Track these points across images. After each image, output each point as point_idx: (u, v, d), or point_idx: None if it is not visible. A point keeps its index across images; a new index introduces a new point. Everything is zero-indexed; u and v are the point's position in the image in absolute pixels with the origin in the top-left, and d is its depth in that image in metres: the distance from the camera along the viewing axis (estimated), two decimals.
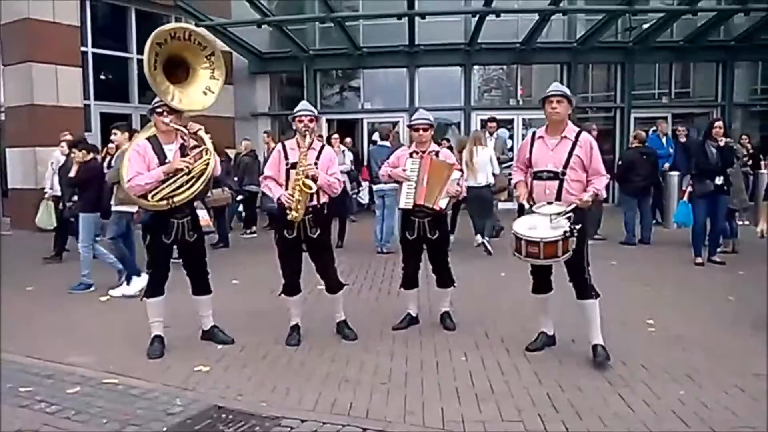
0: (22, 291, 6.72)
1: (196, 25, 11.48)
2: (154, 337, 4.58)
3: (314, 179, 4.53)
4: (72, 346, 4.79)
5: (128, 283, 6.36)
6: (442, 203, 4.83)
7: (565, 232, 3.98)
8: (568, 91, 4.29)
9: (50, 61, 11.60)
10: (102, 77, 13.29)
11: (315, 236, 4.67)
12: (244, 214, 11.09)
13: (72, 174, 6.60)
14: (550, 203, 4.21)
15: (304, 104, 4.87)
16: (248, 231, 10.73)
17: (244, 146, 11.26)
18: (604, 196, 4.46)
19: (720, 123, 7.61)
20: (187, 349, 4.66)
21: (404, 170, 4.95)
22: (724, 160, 7.42)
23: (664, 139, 11.56)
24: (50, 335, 5.15)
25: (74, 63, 12.04)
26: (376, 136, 13.10)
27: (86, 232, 6.50)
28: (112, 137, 6.63)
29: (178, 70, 4.50)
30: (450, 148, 7.58)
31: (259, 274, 7.02)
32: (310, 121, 4.67)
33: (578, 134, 4.28)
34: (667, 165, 10.65)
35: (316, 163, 4.63)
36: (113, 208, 6.37)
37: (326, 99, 15.79)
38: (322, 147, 4.81)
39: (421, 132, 5.00)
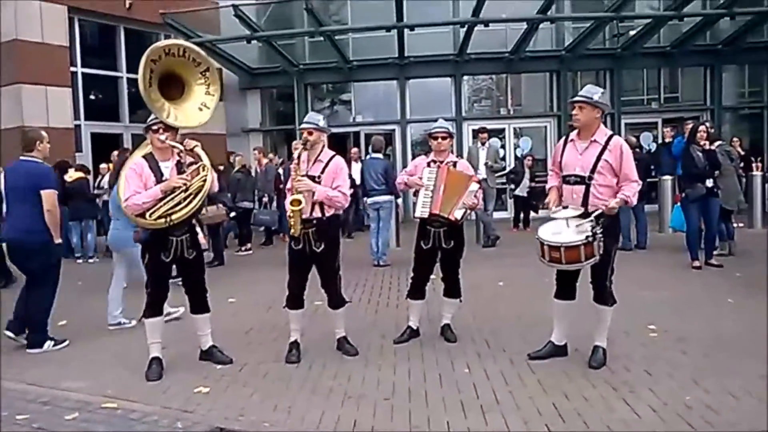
0: None
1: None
2: (152, 359, 4.50)
3: (312, 193, 4.50)
4: (68, 372, 4.70)
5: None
6: (458, 214, 4.79)
7: (587, 236, 3.95)
8: (595, 96, 4.17)
9: (40, 82, 11.58)
10: (92, 97, 13.25)
11: (318, 250, 4.62)
12: (238, 230, 11.01)
13: None
14: (565, 207, 4.20)
15: (308, 116, 4.86)
16: (243, 248, 10.66)
17: (236, 162, 11.22)
18: (634, 203, 4.36)
19: (704, 127, 7.65)
20: (186, 369, 4.59)
21: (420, 179, 4.92)
22: (711, 163, 7.46)
23: None
24: (45, 361, 5.05)
25: (64, 83, 12.03)
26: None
27: None
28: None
29: (173, 87, 4.48)
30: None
31: (256, 292, 6.97)
32: (309, 133, 4.65)
33: (609, 138, 4.21)
34: None
35: (320, 176, 4.61)
36: None
37: (317, 113, 15.75)
38: (331, 158, 4.74)
39: (439, 140, 5.01)
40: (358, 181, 10.19)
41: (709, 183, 7.47)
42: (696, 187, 7.44)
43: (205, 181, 4.41)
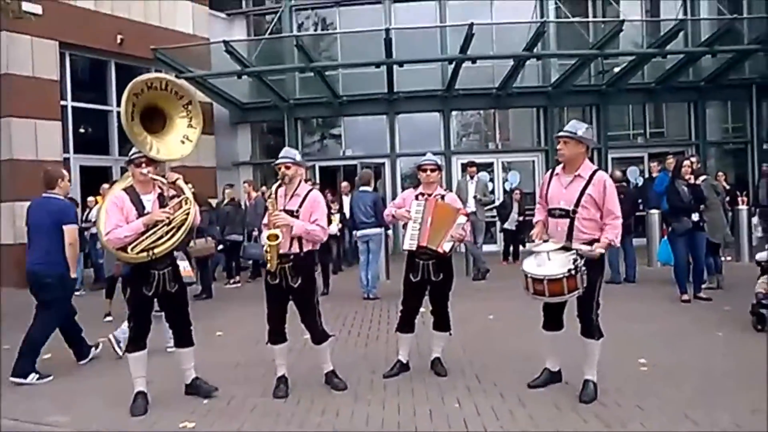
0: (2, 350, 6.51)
1: (176, 77, 11.55)
2: (137, 393, 4.42)
3: (290, 228, 4.49)
4: (54, 406, 4.61)
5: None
6: (446, 246, 4.79)
7: (570, 269, 3.98)
8: (579, 131, 4.25)
9: (29, 116, 11.55)
10: (82, 130, 13.24)
11: (295, 285, 4.58)
12: (225, 264, 10.93)
13: None
14: (546, 241, 4.25)
15: (284, 151, 4.84)
16: (231, 281, 10.58)
17: (226, 195, 11.19)
18: (617, 245, 4.43)
19: (688, 162, 7.74)
20: (172, 404, 4.50)
21: (408, 211, 4.93)
22: (697, 198, 7.54)
23: None
24: (31, 395, 4.95)
25: (54, 117, 12.01)
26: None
27: None
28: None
29: (155, 120, 4.50)
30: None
31: (244, 325, 6.90)
32: (287, 167, 4.64)
33: (593, 173, 4.28)
34: None
35: (298, 210, 4.60)
36: None
37: (307, 147, 15.88)
38: (308, 192, 4.75)
39: (428, 172, 5.05)
40: (348, 215, 10.17)
41: (695, 217, 7.53)
42: (682, 221, 7.50)
43: (188, 214, 4.38)
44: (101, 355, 5.95)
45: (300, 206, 4.63)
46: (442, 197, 5.04)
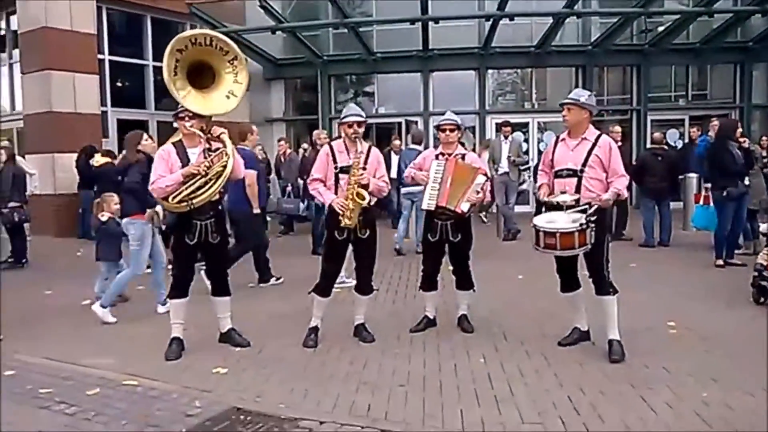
0: (41, 295, 6.78)
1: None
2: (172, 339, 4.59)
3: (366, 188, 4.57)
4: (90, 349, 4.81)
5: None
6: (464, 207, 4.79)
7: (581, 224, 4.11)
8: (582, 98, 4.41)
9: (68, 69, 11.75)
10: (119, 84, 13.43)
11: (365, 237, 4.73)
12: None
13: None
14: (563, 192, 4.34)
15: (352, 108, 4.87)
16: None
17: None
18: (626, 195, 4.55)
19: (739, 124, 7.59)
20: (206, 351, 4.66)
21: (427, 174, 4.94)
22: (748, 162, 7.43)
23: None
24: (69, 338, 5.17)
25: (91, 70, 12.19)
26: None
27: None
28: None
29: (204, 76, 4.49)
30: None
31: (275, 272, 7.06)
32: (359, 125, 4.68)
33: (598, 137, 4.44)
34: None
35: (364, 168, 4.65)
36: None
37: (341, 104, 15.79)
38: (369, 149, 4.81)
39: (447, 132, 5.02)
40: (393, 174, 10.05)
41: (747, 181, 7.41)
42: (738, 185, 7.34)
43: (225, 166, 4.45)
44: (137, 300, 6.15)
45: (365, 163, 4.70)
46: (463, 157, 5.00)
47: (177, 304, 4.63)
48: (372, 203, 4.74)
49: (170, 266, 5.04)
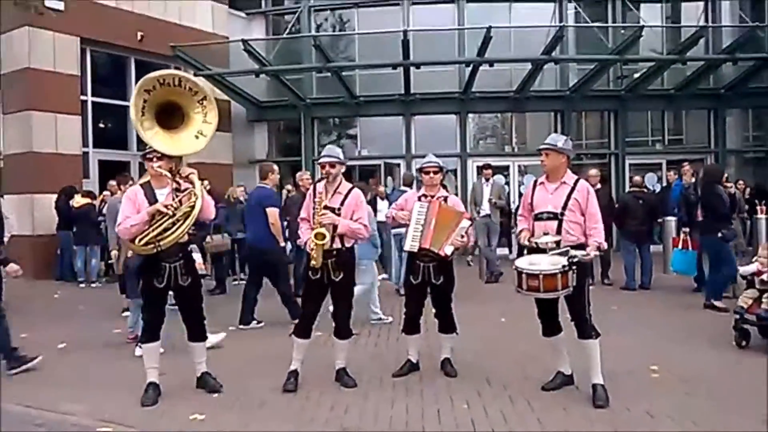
0: (16, 338, 6.59)
1: (195, 74, 11.67)
2: (148, 384, 4.48)
3: (334, 227, 4.57)
4: (67, 394, 4.68)
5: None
6: (448, 250, 4.79)
7: (563, 265, 4.14)
8: (559, 143, 4.53)
9: (50, 110, 11.73)
10: (101, 125, 13.39)
11: (337, 280, 4.67)
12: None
13: None
14: (546, 233, 4.37)
15: (328, 149, 4.90)
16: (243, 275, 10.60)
17: (238, 192, 11.16)
18: (605, 247, 4.58)
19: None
20: (183, 396, 4.56)
21: (409, 214, 4.94)
22: (733, 206, 7.60)
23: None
24: (44, 383, 5.03)
25: (74, 111, 12.17)
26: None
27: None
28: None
29: (173, 116, 4.52)
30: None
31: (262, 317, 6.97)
32: (332, 166, 4.71)
33: (576, 181, 4.53)
34: None
35: (340, 208, 4.65)
36: None
37: (323, 146, 15.83)
38: (350, 190, 4.82)
39: (431, 174, 5.05)
40: (381, 218, 9.95)
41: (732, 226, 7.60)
42: (729, 228, 7.49)
43: (192, 207, 4.41)
44: (115, 344, 6.03)
45: (342, 204, 4.70)
46: (445, 199, 5.04)
47: (149, 348, 4.53)
48: (348, 245, 4.71)
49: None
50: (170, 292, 4.61)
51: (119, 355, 5.78)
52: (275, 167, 7.39)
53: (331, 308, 4.94)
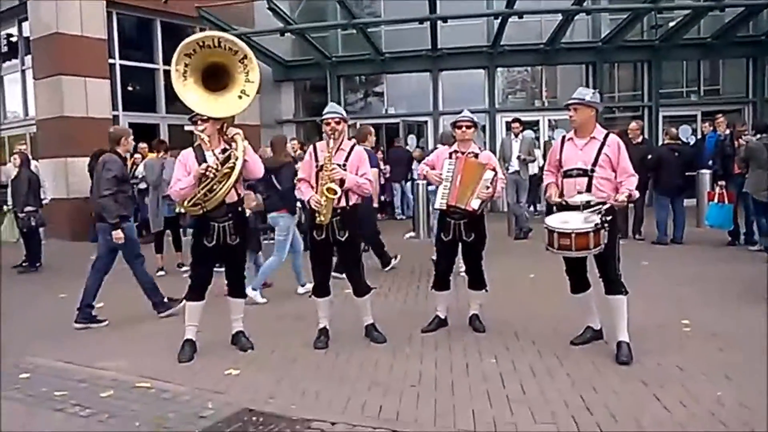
0: (56, 298, 6.84)
1: None
2: (185, 341, 4.61)
3: (341, 182, 4.54)
4: (104, 352, 4.85)
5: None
6: (474, 204, 4.76)
7: (596, 224, 4.07)
8: (587, 97, 4.39)
9: (79, 74, 11.85)
10: (129, 88, 13.51)
11: (343, 239, 4.68)
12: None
13: None
14: (580, 192, 4.29)
15: (331, 106, 4.87)
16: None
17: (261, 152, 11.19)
18: (637, 195, 4.48)
19: None
20: (218, 353, 4.68)
21: (440, 174, 4.90)
22: None
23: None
24: (83, 341, 5.22)
25: (102, 75, 12.30)
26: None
27: None
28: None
29: (219, 78, 4.48)
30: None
31: (289, 278, 7.04)
32: (337, 123, 4.68)
33: (606, 135, 4.41)
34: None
35: (345, 164, 4.64)
36: None
37: (350, 105, 15.83)
38: (353, 147, 4.81)
39: (464, 129, 5.00)
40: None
41: None
42: None
43: (232, 168, 4.43)
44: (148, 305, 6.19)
45: (346, 160, 4.68)
46: (476, 155, 4.97)
47: (192, 307, 4.65)
48: (353, 203, 4.69)
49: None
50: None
51: (156, 314, 5.93)
52: (372, 129, 7.70)
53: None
